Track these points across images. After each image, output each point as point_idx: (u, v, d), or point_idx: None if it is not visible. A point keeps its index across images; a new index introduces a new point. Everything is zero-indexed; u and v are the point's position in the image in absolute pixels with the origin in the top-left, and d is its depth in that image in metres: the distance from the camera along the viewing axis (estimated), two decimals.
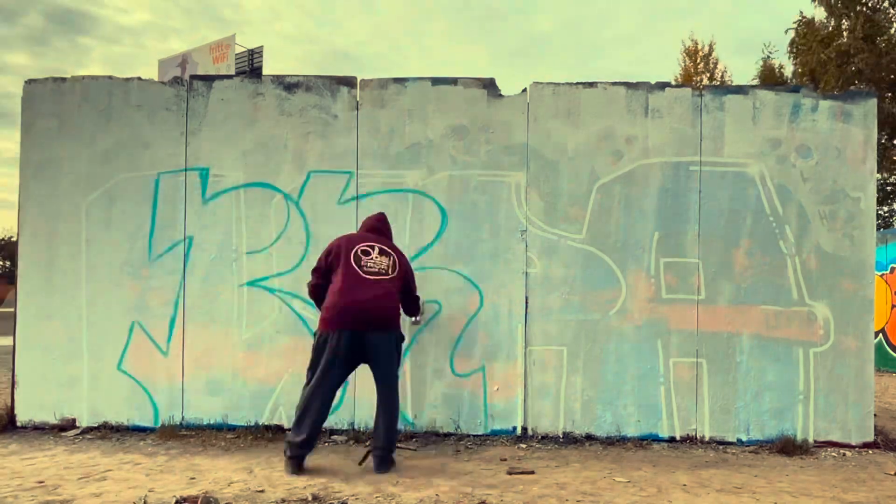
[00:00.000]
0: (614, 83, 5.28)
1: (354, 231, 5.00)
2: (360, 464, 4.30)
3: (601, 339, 5.17)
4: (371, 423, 4.53)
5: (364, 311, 4.20)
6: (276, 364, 5.26)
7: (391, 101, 5.34)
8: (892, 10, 16.64)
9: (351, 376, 4.51)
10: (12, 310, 5.63)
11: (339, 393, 5.16)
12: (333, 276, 4.36)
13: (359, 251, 4.36)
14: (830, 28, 17.23)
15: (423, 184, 5.28)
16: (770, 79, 20.16)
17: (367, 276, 4.28)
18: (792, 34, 18.24)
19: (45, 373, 5.30)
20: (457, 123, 5.28)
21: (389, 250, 4.49)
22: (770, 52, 21.04)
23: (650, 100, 5.24)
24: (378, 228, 4.66)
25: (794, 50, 18.29)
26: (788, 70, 20.13)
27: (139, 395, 5.28)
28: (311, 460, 4.33)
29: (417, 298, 4.83)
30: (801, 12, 18.17)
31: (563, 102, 5.27)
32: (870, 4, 16.82)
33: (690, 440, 5.11)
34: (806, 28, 17.80)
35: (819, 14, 17.72)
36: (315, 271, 4.50)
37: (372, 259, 4.35)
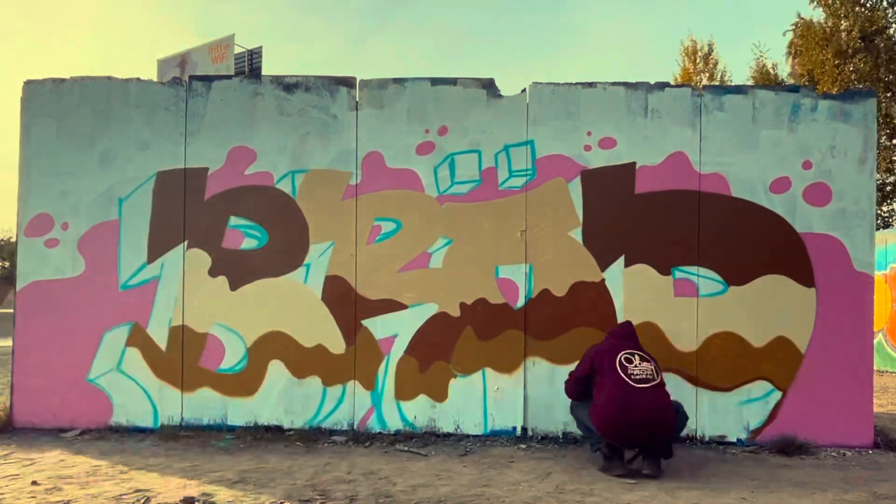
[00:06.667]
0: (613, 83, 5.27)
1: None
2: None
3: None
4: (371, 425, 4.45)
5: (643, 423, 4.04)
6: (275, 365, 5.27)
7: (390, 102, 5.33)
8: (890, 10, 16.65)
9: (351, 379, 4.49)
10: (11, 310, 5.61)
11: (338, 392, 5.20)
12: (596, 384, 4.28)
13: (622, 358, 4.25)
14: (828, 29, 17.23)
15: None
16: (764, 80, 20.14)
17: (637, 385, 4.12)
18: (790, 35, 18.26)
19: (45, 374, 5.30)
20: (456, 123, 5.29)
21: (648, 356, 4.36)
22: (761, 53, 21.07)
23: (649, 100, 5.23)
24: (630, 335, 4.52)
25: (793, 51, 18.30)
26: (782, 70, 20.13)
27: (139, 395, 5.29)
28: (311, 461, 4.30)
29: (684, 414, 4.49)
30: (800, 14, 18.22)
31: (563, 102, 5.27)
32: (868, 4, 16.82)
33: (690, 440, 5.11)
34: (805, 29, 17.80)
35: (817, 15, 17.76)
36: (576, 380, 4.46)
37: (636, 366, 4.22)
